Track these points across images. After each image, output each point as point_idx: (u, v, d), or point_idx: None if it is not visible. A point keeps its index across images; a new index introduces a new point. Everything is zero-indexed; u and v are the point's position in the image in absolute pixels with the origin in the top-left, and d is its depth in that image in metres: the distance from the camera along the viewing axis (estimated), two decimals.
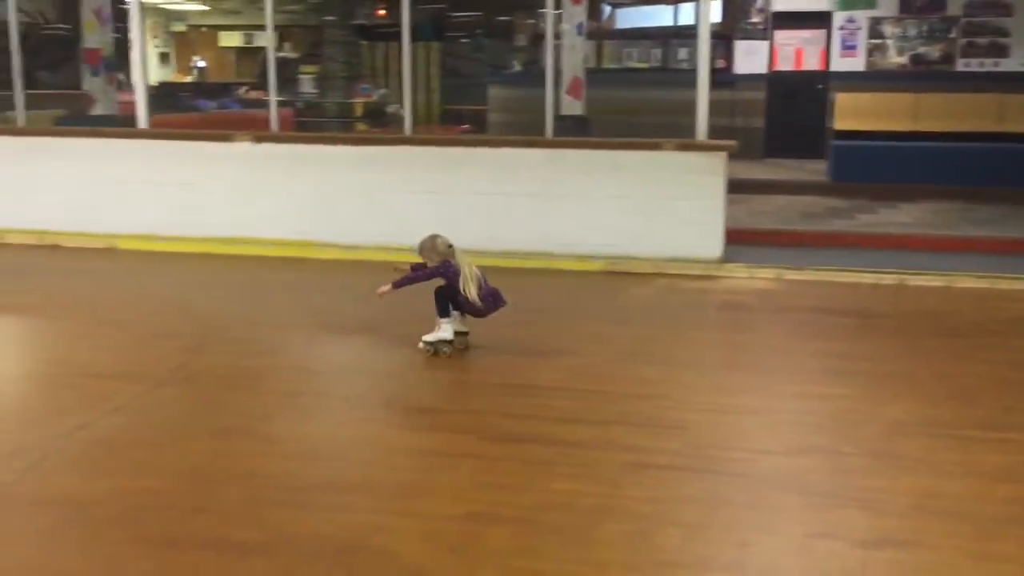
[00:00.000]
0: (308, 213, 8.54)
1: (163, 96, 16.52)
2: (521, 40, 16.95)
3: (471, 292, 5.33)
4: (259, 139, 8.57)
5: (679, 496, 3.77)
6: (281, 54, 24.66)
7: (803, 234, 8.75)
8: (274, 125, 8.83)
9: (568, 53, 11.59)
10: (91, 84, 12.81)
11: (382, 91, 18.17)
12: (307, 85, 21.02)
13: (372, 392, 5.03)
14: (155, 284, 7.45)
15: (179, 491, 3.75)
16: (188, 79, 25.33)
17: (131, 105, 13.38)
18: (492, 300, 5.48)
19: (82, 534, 3.40)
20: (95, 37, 12.66)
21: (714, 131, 8.14)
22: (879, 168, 11.31)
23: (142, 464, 4.01)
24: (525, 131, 10.67)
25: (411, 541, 3.33)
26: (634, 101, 13.20)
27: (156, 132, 8.89)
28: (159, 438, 4.31)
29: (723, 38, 14.13)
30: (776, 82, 14.15)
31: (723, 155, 7.80)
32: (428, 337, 5.46)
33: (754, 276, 7.69)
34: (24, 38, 20.99)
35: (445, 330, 5.42)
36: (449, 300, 5.43)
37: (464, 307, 5.45)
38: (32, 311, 6.59)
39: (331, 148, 8.55)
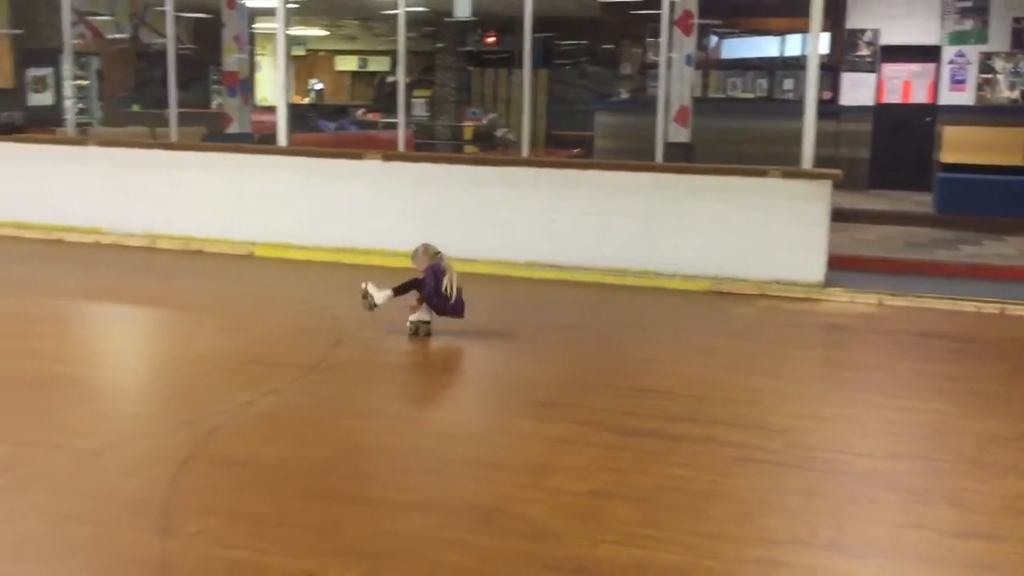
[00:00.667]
0: (429, 227, 9.11)
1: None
2: (627, 68, 17.41)
3: (451, 289, 6.31)
4: (387, 158, 9.23)
5: (781, 487, 4.15)
6: (392, 79, 25.74)
7: (905, 262, 8.97)
8: (401, 146, 9.48)
9: (677, 82, 12.02)
10: (228, 104, 13.76)
11: (492, 115, 18.89)
12: (419, 108, 21.93)
13: (499, 388, 5.52)
14: (291, 288, 8.13)
15: (336, 460, 4.31)
16: (306, 100, 26.48)
17: (262, 125, 14.37)
18: (456, 306, 6.35)
19: (260, 489, 3.97)
20: (233, 60, 13.62)
21: (818, 161, 8.47)
22: (986, 201, 11.40)
23: (302, 436, 4.59)
24: (630, 157, 11.16)
25: (543, 509, 3.80)
26: (738, 130, 13.56)
27: (294, 149, 9.64)
28: (314, 416, 4.89)
29: (830, 70, 14.35)
30: (883, 114, 14.31)
31: (828, 183, 8.13)
32: (412, 317, 6.35)
33: (855, 300, 7.97)
34: (162, 58, 22.34)
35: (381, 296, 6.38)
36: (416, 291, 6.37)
37: (432, 302, 6.32)
38: (187, 308, 7.32)
39: (452, 168, 9.16)
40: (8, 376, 5.39)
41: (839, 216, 8.70)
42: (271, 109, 19.96)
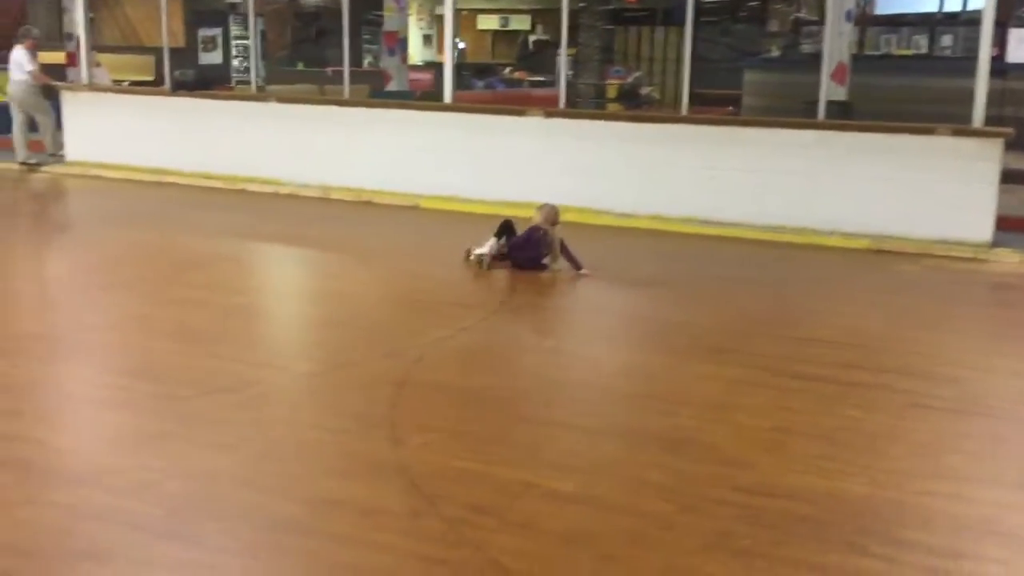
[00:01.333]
0: (588, 182, 9.44)
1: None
2: (774, 25, 17.17)
3: (554, 257, 6.98)
4: (549, 115, 9.56)
5: (956, 431, 4.34)
6: (536, 37, 25.95)
7: None
8: (562, 102, 9.79)
9: (835, 39, 11.88)
10: (387, 63, 14.34)
11: (636, 74, 18.94)
12: (562, 67, 22.08)
13: (670, 332, 5.81)
14: (462, 237, 8.58)
15: (530, 389, 4.71)
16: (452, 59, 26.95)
17: (418, 83, 14.89)
18: (526, 262, 6.99)
19: (470, 411, 4.40)
20: (393, 20, 14.17)
21: (984, 120, 8.36)
22: None
23: (496, 369, 5.02)
24: (781, 115, 11.14)
25: (730, 441, 4.10)
26: (896, 88, 13.29)
27: (459, 106, 10.09)
28: (504, 351, 5.32)
29: (997, 25, 13.84)
30: None
31: (999, 141, 8.04)
32: (477, 250, 7.00)
33: None
34: (316, 18, 23.16)
35: (487, 246, 6.96)
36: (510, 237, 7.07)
37: (512, 252, 7.01)
38: (369, 253, 7.87)
39: (612, 124, 9.43)
40: (225, 308, 6.01)
41: (1006, 177, 8.55)
42: (422, 67, 20.57)
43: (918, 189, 8.30)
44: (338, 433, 4.09)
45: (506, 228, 7.17)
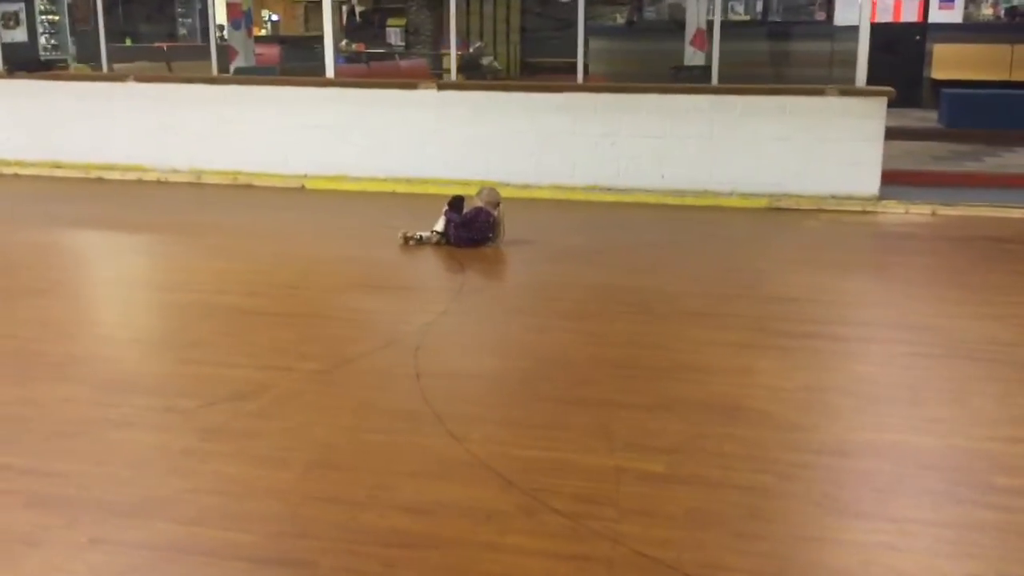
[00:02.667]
0: (485, 156, 9.30)
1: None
2: None
3: (500, 234, 6.96)
4: (442, 87, 9.33)
5: (967, 376, 4.55)
6: (361, 8, 25.27)
7: (944, 175, 9.45)
8: (453, 74, 9.58)
9: (693, 6, 12.25)
10: (232, 37, 13.55)
11: (478, 44, 18.83)
12: (394, 37, 21.66)
13: (643, 301, 5.79)
14: (371, 215, 8.27)
15: (548, 369, 4.58)
16: (262, 33, 25.92)
17: (262, 57, 14.17)
18: (467, 240, 6.90)
19: (503, 397, 4.24)
20: None
21: (809, 80, 8.90)
22: (990, 115, 11.93)
23: (499, 351, 4.87)
24: (628, 82, 11.39)
25: (774, 405, 4.15)
26: (744, 53, 13.87)
27: (343, 81, 9.67)
28: (496, 333, 5.17)
29: None
30: (875, 34, 14.71)
31: (883, 100, 8.53)
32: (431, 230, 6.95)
33: (910, 211, 8.45)
34: None
35: (439, 224, 6.93)
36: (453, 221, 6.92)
37: (454, 230, 6.88)
38: (286, 238, 7.43)
39: (509, 95, 9.30)
40: (163, 307, 5.52)
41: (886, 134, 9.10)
42: (266, 42, 19.54)
43: (811, 148, 8.70)
44: (393, 434, 3.83)
45: (457, 204, 6.96)
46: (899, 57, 14.70)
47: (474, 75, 17.10)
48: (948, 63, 14.37)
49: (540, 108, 9.20)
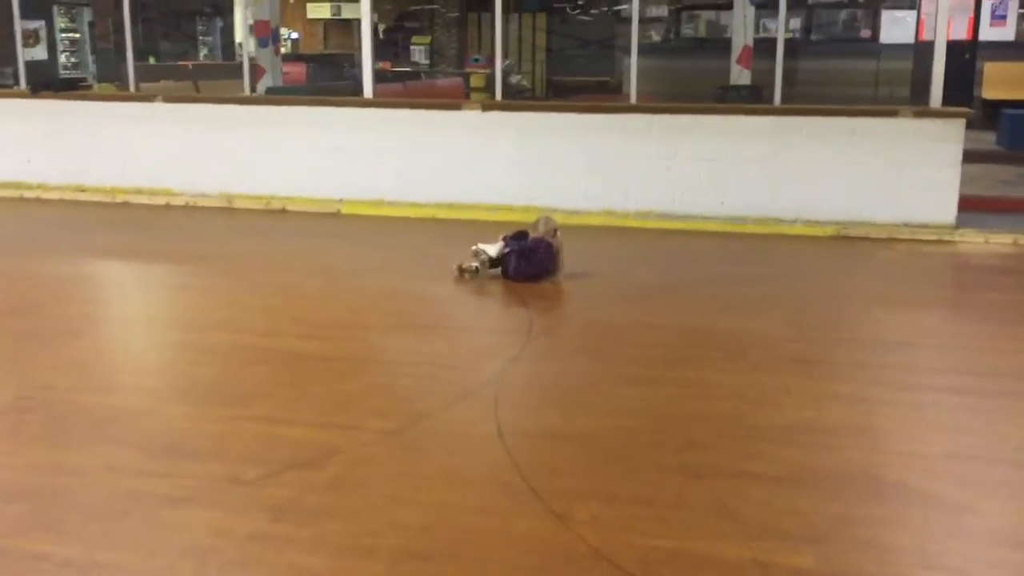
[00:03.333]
0: (532, 180, 8.81)
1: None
2: (652, 11, 17.08)
3: (559, 265, 6.39)
4: (487, 107, 8.85)
5: None
6: (383, 25, 24.88)
7: (1018, 201, 8.92)
8: (499, 94, 9.10)
9: (739, 23, 11.78)
10: (260, 55, 13.11)
11: (507, 61, 18.40)
12: (418, 55, 21.27)
13: (738, 346, 5.28)
14: (415, 245, 7.77)
15: (649, 428, 4.05)
16: (284, 51, 25.64)
17: (288, 76, 13.74)
18: (525, 275, 6.35)
19: (607, 465, 3.71)
20: (264, 8, 12.96)
21: (853, 100, 8.38)
22: None
23: (586, 405, 4.32)
24: (664, 101, 10.93)
25: (926, 477, 3.62)
26: (792, 72, 13.38)
27: (381, 101, 9.20)
28: (577, 383, 4.63)
29: (869, 6, 14.25)
30: (924, 52, 14.23)
31: (960, 122, 8.02)
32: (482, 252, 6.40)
33: (990, 241, 7.91)
34: (148, 8, 21.19)
35: (492, 248, 6.41)
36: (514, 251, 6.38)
37: (512, 262, 6.34)
38: (326, 271, 6.92)
39: (558, 116, 8.82)
40: (200, 351, 5.02)
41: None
42: (291, 60, 19.15)
43: (882, 172, 8.18)
44: (489, 514, 3.31)
45: (520, 237, 6.45)
46: (948, 77, 14.18)
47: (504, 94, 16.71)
48: (1000, 82, 13.86)
49: (590, 129, 8.71)
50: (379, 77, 17.96)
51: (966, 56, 14.08)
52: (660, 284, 6.51)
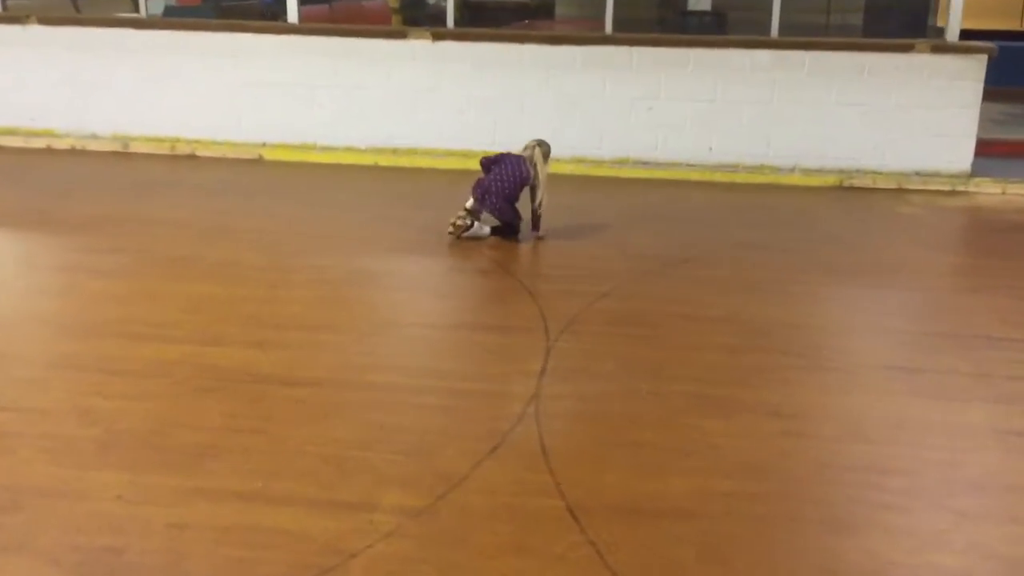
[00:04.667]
0: (491, 122, 7.57)
1: None
2: None
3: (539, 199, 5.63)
4: (437, 37, 7.50)
5: None
6: None
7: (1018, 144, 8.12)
8: (450, 21, 7.75)
9: None
10: None
11: None
12: None
13: (822, 349, 4.28)
14: (380, 198, 6.50)
15: (776, 492, 3.01)
16: None
17: None
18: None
19: (731, 554, 2.66)
20: None
21: (800, 29, 7.51)
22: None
23: (682, 452, 3.24)
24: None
25: None
26: None
27: (311, 27, 7.74)
28: (646, 413, 3.53)
29: None
30: None
31: (982, 58, 7.11)
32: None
33: (1007, 192, 7.10)
34: None
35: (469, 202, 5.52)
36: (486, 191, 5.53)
37: (494, 204, 5.50)
38: (319, 234, 5.61)
39: (521, 48, 7.53)
40: (165, 369, 3.72)
41: None
42: None
43: (890, 115, 7.24)
44: None
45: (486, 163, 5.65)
46: (900, 3, 13.35)
47: (418, 16, 15.15)
48: (967, 8, 13.08)
49: (560, 64, 7.48)
50: None
51: None
52: (673, 256, 5.43)
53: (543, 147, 5.72)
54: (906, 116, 7.21)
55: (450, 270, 5.23)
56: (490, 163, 5.66)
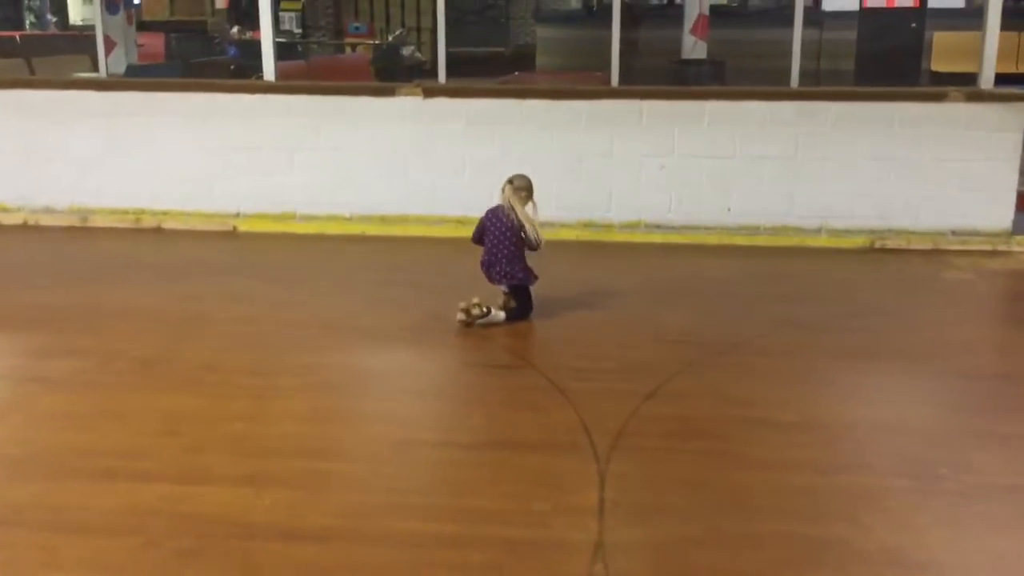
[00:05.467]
0: (489, 185, 6.88)
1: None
2: None
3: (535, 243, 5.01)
4: (429, 93, 6.87)
5: None
6: None
7: None
8: (442, 76, 7.13)
9: None
10: (109, 24, 10.62)
11: (398, 31, 16.23)
12: (289, 23, 18.88)
13: (932, 468, 3.63)
14: (365, 277, 5.80)
15: None
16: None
17: (148, 49, 11.29)
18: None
19: None
20: None
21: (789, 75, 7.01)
22: None
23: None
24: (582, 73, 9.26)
25: None
26: (738, 43, 11.82)
27: (290, 86, 7.09)
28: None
29: None
30: (864, 21, 12.99)
31: (1022, 106, 6.59)
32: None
33: None
34: None
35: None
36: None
37: (504, 271, 5.01)
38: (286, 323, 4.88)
39: (518, 104, 6.92)
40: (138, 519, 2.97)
41: None
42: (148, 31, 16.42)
43: (925, 169, 6.69)
44: None
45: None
46: (894, 47, 12.99)
47: (394, 68, 14.62)
48: (950, 53, 12.79)
49: (563, 120, 6.88)
50: (244, 47, 15.52)
51: (913, 25, 12.96)
52: (715, 340, 4.76)
53: (514, 182, 5.01)
54: (940, 170, 6.67)
55: (465, 365, 4.54)
56: (480, 235, 5.05)
